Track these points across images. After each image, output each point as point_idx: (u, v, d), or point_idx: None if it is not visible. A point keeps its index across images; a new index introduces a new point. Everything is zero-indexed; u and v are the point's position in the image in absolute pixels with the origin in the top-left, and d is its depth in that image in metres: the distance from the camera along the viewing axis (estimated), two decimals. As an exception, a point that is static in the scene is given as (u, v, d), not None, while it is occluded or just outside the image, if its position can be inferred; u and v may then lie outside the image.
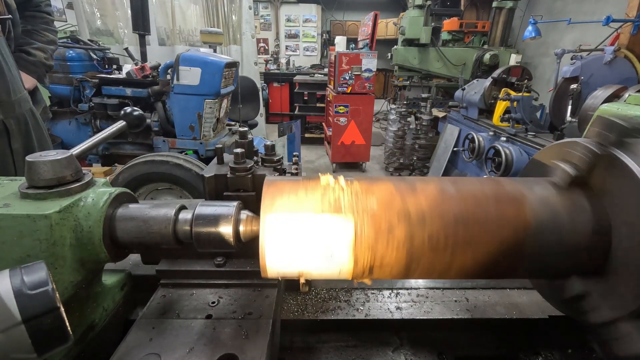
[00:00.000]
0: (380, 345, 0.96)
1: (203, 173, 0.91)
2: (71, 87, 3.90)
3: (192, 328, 0.78)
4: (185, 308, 0.85)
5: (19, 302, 0.47)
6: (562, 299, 0.81)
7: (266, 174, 0.92)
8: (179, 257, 0.95)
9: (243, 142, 0.97)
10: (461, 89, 5.63)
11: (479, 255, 0.69)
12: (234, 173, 0.89)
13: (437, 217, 0.67)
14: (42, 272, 0.51)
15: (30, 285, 0.49)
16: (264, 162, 0.99)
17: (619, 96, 2.93)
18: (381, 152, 7.75)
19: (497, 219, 0.68)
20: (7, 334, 0.46)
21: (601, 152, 0.69)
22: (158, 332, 0.77)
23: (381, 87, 15.50)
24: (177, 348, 0.72)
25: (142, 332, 0.76)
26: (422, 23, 6.97)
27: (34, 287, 0.49)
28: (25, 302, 0.47)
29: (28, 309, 0.47)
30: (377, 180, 0.74)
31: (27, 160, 0.70)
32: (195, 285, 0.92)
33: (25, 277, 0.50)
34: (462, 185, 0.73)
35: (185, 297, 0.89)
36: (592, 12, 6.46)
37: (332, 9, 14.92)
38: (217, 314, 0.83)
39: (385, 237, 0.66)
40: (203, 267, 0.93)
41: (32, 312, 0.47)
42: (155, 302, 0.87)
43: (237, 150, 0.90)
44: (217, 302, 0.87)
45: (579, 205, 0.71)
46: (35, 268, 0.52)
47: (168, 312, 0.83)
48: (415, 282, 1.10)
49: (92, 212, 0.72)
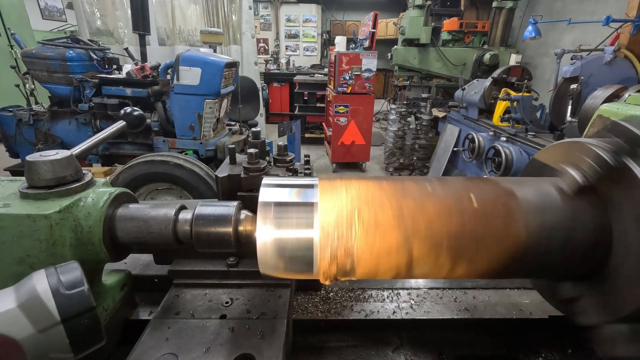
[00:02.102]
0: (380, 345, 0.96)
1: (216, 173, 0.92)
2: (71, 87, 3.90)
3: (208, 328, 0.78)
4: (199, 308, 0.85)
5: (57, 302, 0.47)
6: (559, 300, 0.82)
7: (279, 173, 0.92)
8: (192, 258, 0.96)
9: (256, 142, 0.97)
10: (461, 89, 5.63)
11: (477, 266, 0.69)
12: (247, 173, 0.90)
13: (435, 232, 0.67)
14: (77, 271, 0.52)
15: (67, 285, 0.49)
16: (276, 162, 1.00)
17: (619, 96, 2.92)
18: (381, 152, 7.75)
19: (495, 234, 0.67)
20: (47, 333, 0.46)
21: (614, 164, 0.66)
22: (173, 332, 0.77)
23: (381, 87, 15.49)
24: (194, 348, 0.72)
25: (157, 332, 0.77)
26: (422, 23, 6.97)
27: (71, 287, 0.49)
28: (63, 302, 0.48)
29: (66, 309, 0.48)
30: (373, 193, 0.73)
31: (27, 160, 0.70)
32: (208, 285, 0.93)
33: (62, 277, 0.50)
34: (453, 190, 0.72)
35: (199, 297, 0.90)
36: (592, 12, 6.46)
37: (332, 9, 14.92)
38: (232, 314, 0.83)
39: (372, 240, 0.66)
40: (216, 267, 0.94)
41: (70, 312, 0.48)
42: (169, 302, 0.87)
43: (251, 150, 0.91)
44: (230, 302, 0.88)
45: (582, 216, 0.69)
46: (70, 268, 0.52)
47: (182, 312, 0.84)
48: (416, 282, 1.10)
49: (92, 212, 0.71)
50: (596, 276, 0.71)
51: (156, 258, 0.98)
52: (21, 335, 0.45)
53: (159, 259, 0.98)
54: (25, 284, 0.48)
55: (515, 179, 0.77)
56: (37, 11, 9.36)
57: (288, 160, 0.99)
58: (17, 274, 0.66)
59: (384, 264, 0.68)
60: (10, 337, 0.44)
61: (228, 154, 0.98)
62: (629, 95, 0.87)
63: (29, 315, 0.45)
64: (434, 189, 0.71)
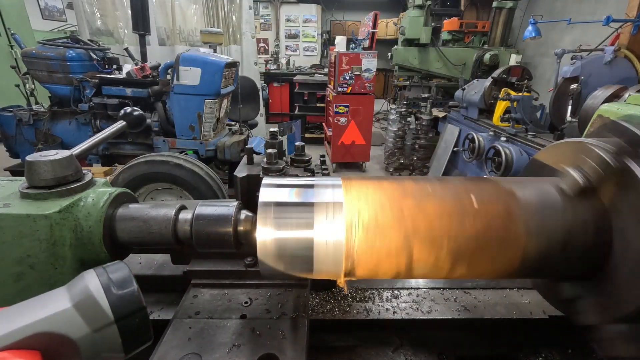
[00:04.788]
0: (380, 345, 0.96)
1: (235, 173, 0.93)
2: (71, 87, 3.90)
3: (229, 328, 0.79)
4: (219, 308, 0.86)
5: (110, 302, 0.48)
6: (559, 300, 0.82)
7: (298, 174, 0.93)
8: (209, 258, 0.96)
9: (274, 142, 0.98)
10: (461, 89, 5.62)
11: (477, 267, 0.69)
12: (266, 173, 0.90)
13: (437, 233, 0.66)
14: (126, 271, 0.53)
15: (118, 285, 0.50)
16: (294, 162, 1.00)
17: (619, 96, 2.92)
18: (381, 152, 7.75)
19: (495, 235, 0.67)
20: (101, 333, 0.47)
21: (615, 166, 0.66)
22: (195, 332, 0.77)
23: (381, 87, 15.48)
24: (217, 348, 0.73)
25: (179, 332, 0.77)
26: (422, 23, 6.96)
27: (122, 287, 0.50)
28: (116, 302, 0.48)
29: (119, 309, 0.48)
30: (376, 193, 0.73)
31: (27, 160, 0.70)
32: (226, 285, 0.94)
33: (112, 277, 0.50)
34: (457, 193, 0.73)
35: (218, 297, 0.90)
36: (592, 12, 6.46)
37: (332, 9, 14.91)
38: (252, 314, 0.84)
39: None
40: (234, 267, 0.94)
41: (122, 311, 0.48)
42: (188, 302, 0.88)
43: (270, 150, 0.92)
44: (250, 302, 0.88)
45: (582, 217, 0.69)
46: (118, 267, 0.53)
47: (202, 312, 0.84)
48: (416, 282, 1.10)
49: (92, 212, 0.71)
50: (596, 276, 0.71)
51: (173, 258, 0.99)
52: (77, 335, 0.45)
53: (177, 259, 0.99)
54: (77, 284, 0.49)
55: (516, 179, 0.77)
56: (37, 11, 9.35)
57: (306, 161, 0.99)
58: (17, 274, 0.66)
59: (384, 265, 0.68)
60: (68, 337, 0.45)
61: (228, 154, 0.98)
62: (629, 95, 0.87)
63: (84, 315, 0.46)
64: (434, 189, 0.71)
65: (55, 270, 0.67)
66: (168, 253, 1.02)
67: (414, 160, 6.65)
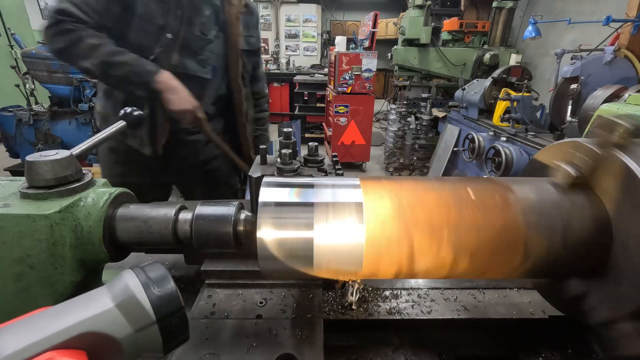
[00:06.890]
0: (380, 345, 0.96)
1: (249, 173, 0.93)
2: (71, 87, 3.91)
3: (245, 328, 0.79)
4: (234, 308, 0.86)
5: (151, 302, 0.48)
6: (562, 299, 0.81)
7: (312, 174, 0.93)
8: (223, 258, 0.97)
9: (288, 142, 0.98)
10: (461, 89, 5.62)
11: (479, 260, 0.69)
12: (281, 173, 0.90)
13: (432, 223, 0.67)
14: (163, 271, 0.53)
15: (157, 285, 0.50)
16: (307, 162, 1.01)
17: (619, 96, 2.92)
18: (381, 152, 7.75)
19: (494, 223, 0.68)
20: (143, 332, 0.47)
21: (602, 154, 0.69)
22: (212, 332, 0.78)
23: (381, 87, 15.49)
24: (235, 348, 0.73)
25: (196, 332, 0.77)
26: (422, 23, 6.96)
27: (161, 287, 0.50)
28: (157, 302, 0.49)
29: (160, 309, 0.48)
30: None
31: (27, 160, 0.70)
32: (241, 285, 0.94)
33: (150, 276, 0.51)
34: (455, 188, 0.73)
35: (232, 297, 0.90)
36: (592, 12, 6.46)
37: (332, 9, 14.92)
38: (267, 314, 0.84)
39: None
40: (248, 267, 0.94)
41: (163, 311, 0.49)
42: (203, 302, 0.88)
43: (285, 150, 0.92)
44: (264, 302, 0.88)
45: (579, 206, 0.70)
46: (155, 267, 0.53)
47: (217, 312, 0.85)
48: (416, 282, 1.10)
49: (92, 212, 0.71)
50: (601, 269, 0.70)
51: (187, 259, 0.99)
52: (121, 335, 0.46)
53: (190, 259, 0.99)
54: (117, 283, 0.49)
55: (511, 178, 0.79)
56: (37, 11, 9.35)
57: (319, 161, 1.00)
58: (17, 274, 0.66)
59: (384, 258, 0.68)
60: (112, 337, 0.45)
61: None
62: (629, 95, 0.87)
63: (126, 314, 0.46)
64: (432, 183, 0.74)
65: (55, 270, 0.67)
66: (182, 253, 1.02)
67: (414, 160, 6.65)
